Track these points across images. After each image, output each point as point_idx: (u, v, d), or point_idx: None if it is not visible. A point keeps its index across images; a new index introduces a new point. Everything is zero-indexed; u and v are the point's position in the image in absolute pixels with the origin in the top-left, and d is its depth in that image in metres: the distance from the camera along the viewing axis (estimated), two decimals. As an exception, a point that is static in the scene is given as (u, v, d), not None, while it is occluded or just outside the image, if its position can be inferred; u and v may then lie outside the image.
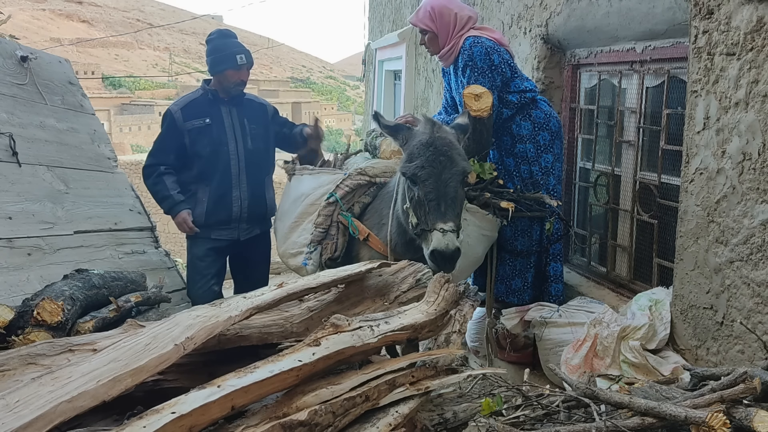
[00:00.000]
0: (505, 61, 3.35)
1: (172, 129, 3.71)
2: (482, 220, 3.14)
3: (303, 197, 3.44)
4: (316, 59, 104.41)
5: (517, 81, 3.41)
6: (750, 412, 1.54)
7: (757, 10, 2.19)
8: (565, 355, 2.94)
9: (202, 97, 3.76)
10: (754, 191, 2.25)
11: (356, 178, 3.26)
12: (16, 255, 3.03)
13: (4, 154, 3.33)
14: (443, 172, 2.64)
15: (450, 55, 3.43)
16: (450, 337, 2.09)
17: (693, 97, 2.54)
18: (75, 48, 53.21)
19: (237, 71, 3.67)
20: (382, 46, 8.37)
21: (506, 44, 3.47)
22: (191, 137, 3.67)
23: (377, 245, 3.06)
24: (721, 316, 2.44)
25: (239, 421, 1.37)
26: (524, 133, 3.44)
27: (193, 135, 3.68)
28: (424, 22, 3.43)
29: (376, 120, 2.91)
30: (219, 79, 3.70)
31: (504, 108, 3.40)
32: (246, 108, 3.81)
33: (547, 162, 3.46)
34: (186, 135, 3.67)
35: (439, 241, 2.54)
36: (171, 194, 3.66)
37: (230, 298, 1.81)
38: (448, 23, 3.39)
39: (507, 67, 3.36)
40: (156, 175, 3.69)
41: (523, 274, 3.53)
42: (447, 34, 3.41)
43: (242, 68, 3.69)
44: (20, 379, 1.36)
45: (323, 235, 3.19)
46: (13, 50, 3.82)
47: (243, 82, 3.74)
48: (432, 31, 3.43)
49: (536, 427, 1.86)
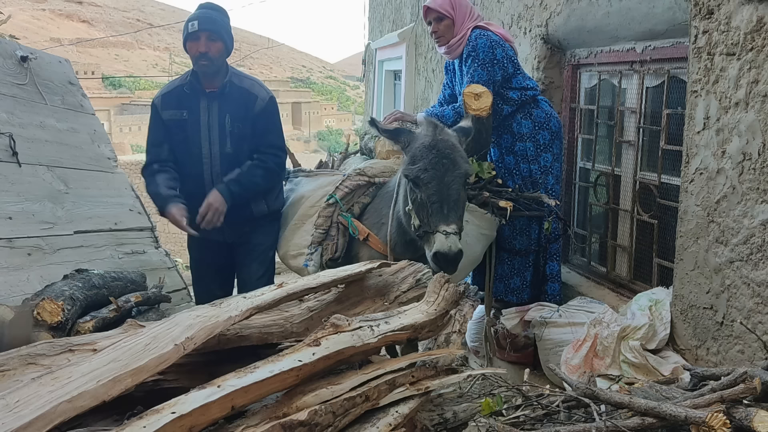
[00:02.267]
0: (508, 57, 3.36)
1: (155, 119, 3.26)
2: (481, 219, 3.15)
3: (302, 200, 3.43)
4: (316, 59, 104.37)
5: (519, 78, 3.41)
6: (750, 412, 1.54)
7: (757, 10, 2.19)
8: (565, 355, 2.94)
9: (184, 85, 3.23)
10: (754, 191, 2.25)
11: (355, 179, 3.26)
12: (16, 255, 3.03)
13: (4, 154, 3.33)
14: (446, 175, 2.65)
15: (459, 46, 3.44)
16: (450, 337, 2.09)
17: (693, 97, 2.54)
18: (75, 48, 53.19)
19: (195, 42, 3.08)
20: (382, 46, 8.37)
21: (511, 41, 3.49)
22: (168, 129, 3.23)
23: (377, 245, 3.07)
24: (721, 316, 2.44)
25: (239, 421, 1.37)
26: (524, 131, 3.45)
27: (170, 127, 3.22)
28: (444, 7, 3.43)
29: (373, 126, 2.91)
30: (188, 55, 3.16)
31: (504, 105, 3.40)
32: (232, 102, 3.19)
33: (547, 161, 3.47)
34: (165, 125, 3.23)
35: (442, 243, 2.55)
36: (159, 191, 3.15)
37: (230, 298, 1.80)
38: (464, 13, 3.42)
39: (509, 62, 3.37)
40: (149, 174, 3.24)
41: (521, 273, 3.54)
42: (462, 22, 3.43)
43: (199, 38, 3.07)
44: (20, 379, 1.36)
45: (323, 236, 3.19)
46: (13, 50, 3.82)
47: (204, 54, 3.08)
48: (450, 17, 3.43)
49: (536, 427, 1.86)
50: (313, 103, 59.86)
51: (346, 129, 49.59)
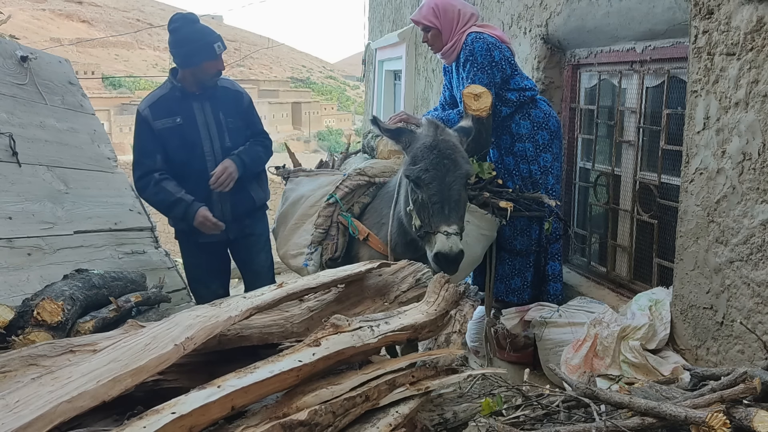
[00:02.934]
0: (505, 58, 3.35)
1: (146, 130, 3.33)
2: (481, 220, 3.15)
3: (302, 199, 3.44)
4: (316, 59, 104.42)
5: (517, 78, 3.41)
6: (750, 412, 1.53)
7: (757, 10, 2.19)
8: (565, 355, 2.94)
9: (170, 92, 3.35)
10: (754, 191, 2.25)
11: (355, 179, 3.26)
12: (16, 255, 3.03)
13: (4, 154, 3.33)
14: (447, 175, 2.65)
15: (452, 52, 3.44)
16: (450, 337, 2.09)
17: (693, 97, 2.54)
18: (75, 48, 53.19)
19: (215, 61, 3.30)
20: (382, 46, 8.37)
21: (508, 42, 3.48)
22: (163, 138, 3.31)
23: (377, 245, 3.07)
24: (721, 316, 2.44)
25: (239, 421, 1.37)
26: (523, 132, 3.45)
27: (165, 136, 3.31)
28: (428, 18, 3.44)
29: (375, 125, 2.91)
30: (193, 71, 3.29)
31: (503, 106, 3.40)
32: (221, 100, 3.40)
33: (546, 161, 3.47)
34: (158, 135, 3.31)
35: (443, 243, 2.55)
36: (179, 196, 3.27)
37: (230, 297, 1.80)
38: (451, 20, 3.40)
39: (507, 64, 3.36)
40: (153, 184, 3.30)
41: (522, 273, 3.54)
42: (450, 30, 3.41)
43: (219, 57, 3.32)
44: (21, 380, 1.36)
45: (323, 236, 3.20)
46: (13, 50, 3.83)
47: (220, 71, 3.36)
48: (436, 27, 3.43)
49: (536, 427, 1.86)
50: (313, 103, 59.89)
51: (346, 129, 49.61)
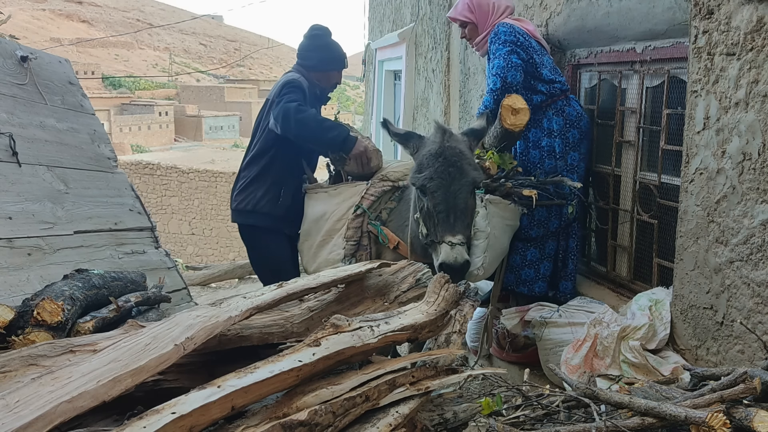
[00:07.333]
0: (532, 48, 3.36)
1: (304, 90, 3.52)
2: (505, 210, 3.12)
3: (326, 215, 3.36)
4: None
5: (547, 72, 3.42)
6: (750, 412, 1.54)
7: (757, 10, 2.19)
8: (565, 355, 2.94)
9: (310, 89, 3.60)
10: (754, 191, 2.25)
11: (379, 186, 3.22)
12: (16, 255, 3.03)
13: (4, 154, 3.33)
14: (452, 184, 2.60)
15: (484, 43, 3.46)
16: (450, 337, 2.09)
17: (693, 97, 2.54)
18: (75, 48, 53.18)
19: (340, 74, 3.79)
20: (382, 46, 8.38)
21: (539, 38, 3.51)
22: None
23: (406, 252, 3.02)
24: (721, 316, 2.44)
25: (239, 422, 1.37)
26: (555, 128, 3.45)
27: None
28: (464, 14, 3.49)
29: (385, 128, 2.88)
30: (318, 77, 3.68)
31: (533, 95, 3.40)
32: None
33: (573, 160, 3.47)
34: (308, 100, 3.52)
35: (448, 254, 2.52)
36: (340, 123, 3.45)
37: (230, 298, 1.80)
38: (486, 12, 3.46)
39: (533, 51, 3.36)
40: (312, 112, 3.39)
41: (535, 264, 3.52)
42: (485, 23, 3.46)
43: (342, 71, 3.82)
44: (21, 380, 1.36)
45: (355, 248, 3.15)
46: (13, 50, 3.82)
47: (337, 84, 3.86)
48: (472, 21, 3.47)
49: (536, 427, 1.86)
50: (312, 103, 59.73)
51: (346, 129, 49.45)
